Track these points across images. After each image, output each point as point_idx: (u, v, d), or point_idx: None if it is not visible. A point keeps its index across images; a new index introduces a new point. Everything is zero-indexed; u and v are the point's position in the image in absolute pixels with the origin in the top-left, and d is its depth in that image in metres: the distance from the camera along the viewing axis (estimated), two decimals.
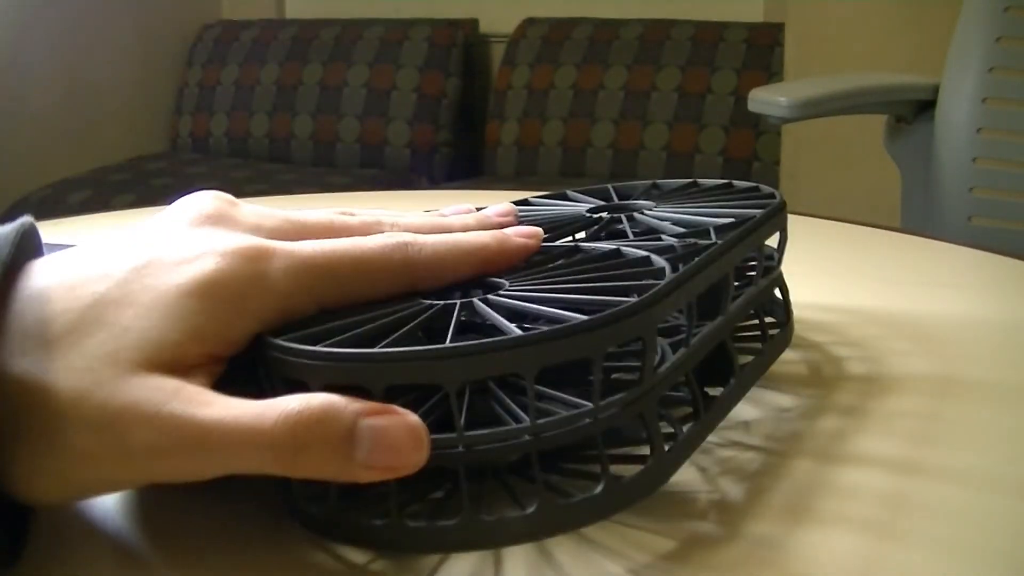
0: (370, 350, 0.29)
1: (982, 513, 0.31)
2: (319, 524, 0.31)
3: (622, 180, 0.52)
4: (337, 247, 0.32)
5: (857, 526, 0.31)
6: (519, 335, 0.28)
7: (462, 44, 2.45)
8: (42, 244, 0.33)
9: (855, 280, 0.56)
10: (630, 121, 2.24)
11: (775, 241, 0.42)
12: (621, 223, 0.41)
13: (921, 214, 1.27)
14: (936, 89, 1.23)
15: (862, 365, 0.43)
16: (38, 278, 0.30)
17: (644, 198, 0.46)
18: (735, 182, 0.46)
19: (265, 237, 0.32)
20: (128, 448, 0.27)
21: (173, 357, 0.29)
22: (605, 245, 0.37)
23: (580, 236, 0.41)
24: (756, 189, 0.45)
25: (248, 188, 2.14)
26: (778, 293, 0.43)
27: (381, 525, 0.29)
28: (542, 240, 0.37)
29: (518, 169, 2.34)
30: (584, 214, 0.43)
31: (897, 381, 0.41)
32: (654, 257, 0.35)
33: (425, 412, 0.30)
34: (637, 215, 0.42)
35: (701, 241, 0.37)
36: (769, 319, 0.42)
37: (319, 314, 0.32)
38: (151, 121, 2.67)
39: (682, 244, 0.36)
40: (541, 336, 0.28)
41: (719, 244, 0.35)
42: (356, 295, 0.33)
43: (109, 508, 0.33)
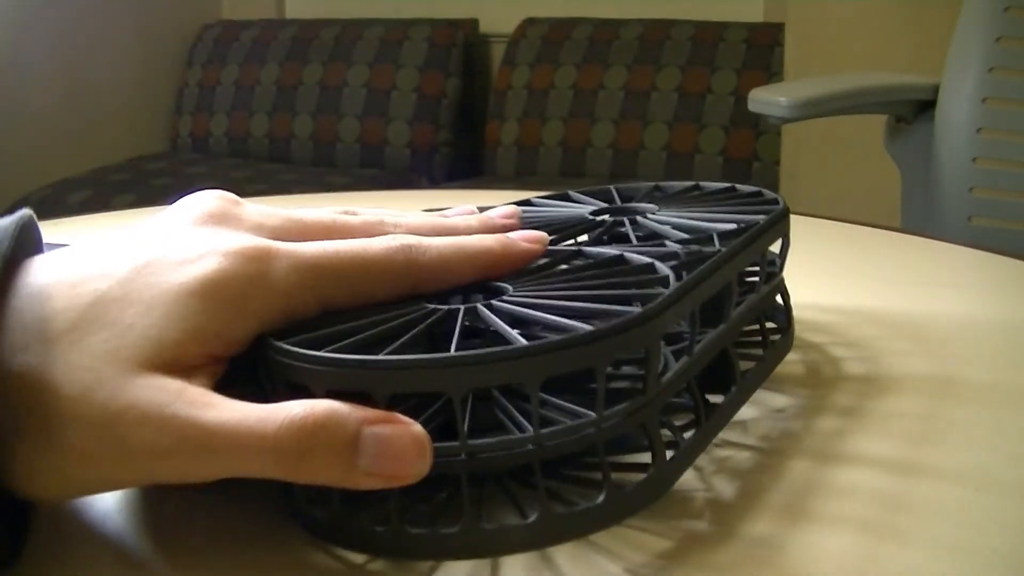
0: (375, 357, 0.28)
1: (980, 513, 0.31)
2: (321, 528, 0.31)
3: (622, 180, 0.52)
4: (340, 248, 0.32)
5: (855, 526, 0.31)
6: (525, 345, 0.28)
7: (462, 44, 2.45)
8: (41, 237, 0.33)
9: (855, 280, 0.56)
10: (630, 121, 2.24)
11: (777, 247, 0.42)
12: (624, 227, 0.41)
13: (921, 214, 1.27)
14: (936, 89, 1.23)
15: (861, 365, 0.43)
16: (38, 275, 0.30)
17: (647, 201, 0.45)
18: (738, 186, 0.46)
19: (267, 237, 0.32)
20: (129, 448, 0.27)
21: (173, 357, 0.29)
22: (608, 250, 0.37)
23: (583, 239, 0.41)
24: (759, 194, 0.44)
25: (248, 188, 2.14)
26: (779, 299, 0.43)
27: (382, 531, 0.29)
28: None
29: (518, 169, 2.34)
30: (586, 216, 0.42)
31: (896, 381, 0.41)
32: (658, 264, 0.34)
33: (427, 418, 0.30)
34: (640, 219, 0.41)
35: (705, 248, 0.36)
36: (770, 324, 0.42)
37: (321, 316, 0.32)
38: (151, 121, 2.67)
39: (686, 251, 0.36)
40: (547, 346, 0.28)
41: (723, 252, 0.35)
42: (359, 297, 0.32)
43: (109, 508, 0.33)
